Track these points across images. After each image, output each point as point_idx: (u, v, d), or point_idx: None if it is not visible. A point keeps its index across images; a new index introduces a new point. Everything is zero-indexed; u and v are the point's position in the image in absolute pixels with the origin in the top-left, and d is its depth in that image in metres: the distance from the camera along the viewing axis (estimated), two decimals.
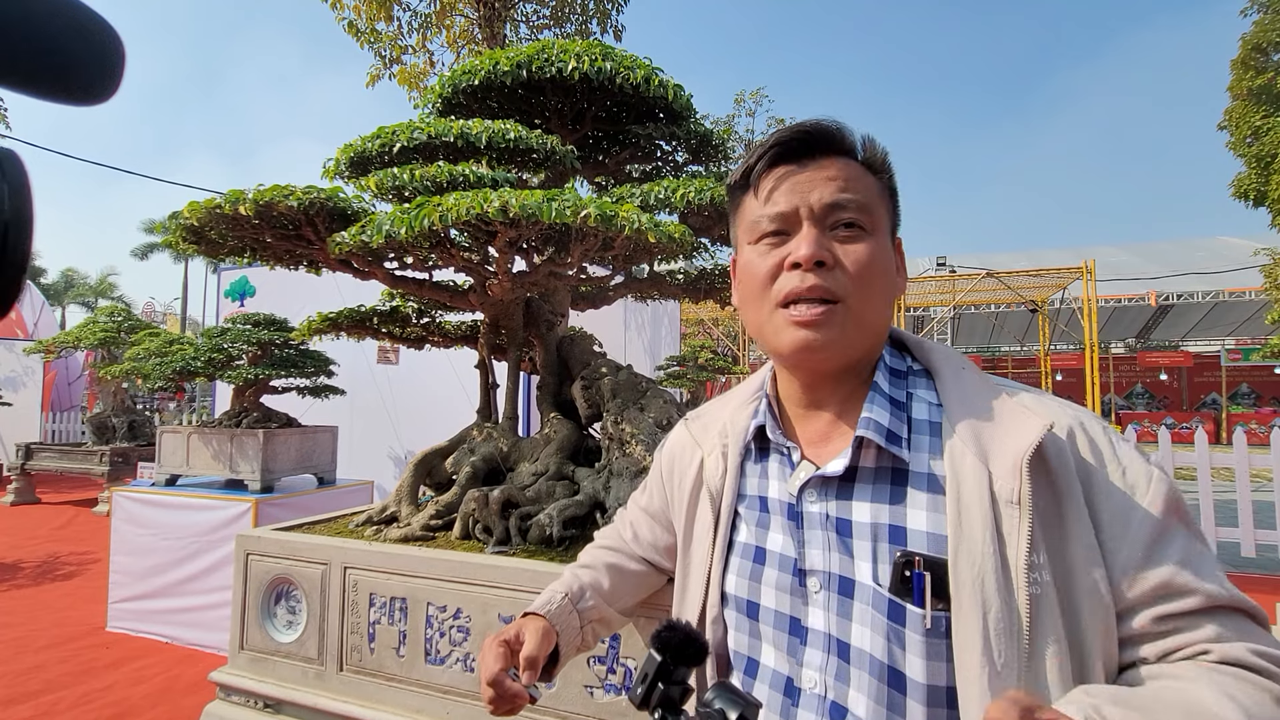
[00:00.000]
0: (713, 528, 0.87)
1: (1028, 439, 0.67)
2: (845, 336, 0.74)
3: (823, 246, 0.73)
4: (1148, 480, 0.67)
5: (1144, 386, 20.83)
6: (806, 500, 0.78)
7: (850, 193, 0.74)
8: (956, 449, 0.70)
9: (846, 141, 0.78)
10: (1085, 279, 10.78)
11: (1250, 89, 10.55)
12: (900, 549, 0.70)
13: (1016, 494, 0.66)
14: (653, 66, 2.28)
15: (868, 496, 0.74)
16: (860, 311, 0.74)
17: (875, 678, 0.69)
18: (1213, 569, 0.66)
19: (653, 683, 0.73)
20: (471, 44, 8.40)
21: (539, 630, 0.89)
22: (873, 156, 0.79)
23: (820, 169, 0.76)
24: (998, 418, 0.71)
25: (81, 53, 0.36)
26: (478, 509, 1.89)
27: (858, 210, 0.74)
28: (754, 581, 0.81)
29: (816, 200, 0.74)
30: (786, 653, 0.77)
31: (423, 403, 5.48)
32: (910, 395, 0.78)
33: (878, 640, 0.69)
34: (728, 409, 0.94)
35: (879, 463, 0.75)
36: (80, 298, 26.71)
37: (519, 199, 1.58)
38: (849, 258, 0.73)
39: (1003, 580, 0.64)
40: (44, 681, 3.23)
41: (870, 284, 0.74)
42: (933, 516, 0.70)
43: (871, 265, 0.74)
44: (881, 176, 0.79)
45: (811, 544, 0.76)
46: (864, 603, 0.71)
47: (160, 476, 4.06)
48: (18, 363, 10.77)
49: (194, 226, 1.97)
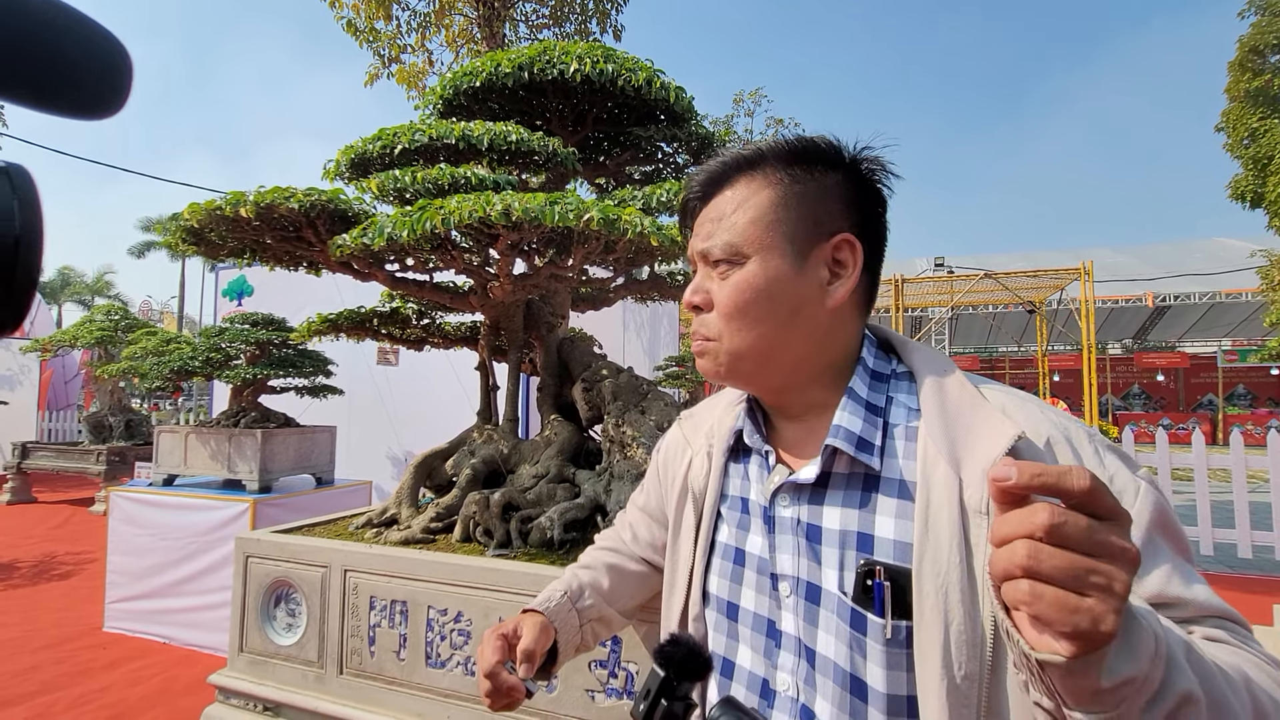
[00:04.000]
0: (695, 526, 0.88)
1: (999, 446, 0.65)
2: (728, 369, 0.77)
3: (696, 291, 0.79)
4: (1134, 492, 0.65)
5: (1141, 387, 20.89)
6: (779, 504, 0.77)
7: (716, 235, 0.76)
8: (929, 456, 0.69)
9: (739, 163, 0.77)
10: (1083, 280, 10.80)
11: (1247, 91, 10.58)
12: (866, 557, 0.69)
13: (985, 503, 0.64)
14: (654, 69, 2.28)
15: (839, 502, 0.73)
16: (731, 347, 0.76)
17: (839, 685, 0.68)
18: (1198, 578, 0.64)
19: (655, 699, 0.72)
20: (470, 43, 8.39)
21: (537, 625, 0.89)
22: (782, 158, 0.76)
23: (707, 211, 0.79)
24: (974, 424, 0.69)
25: (88, 67, 0.36)
26: (478, 512, 1.88)
27: (721, 249, 0.76)
28: (734, 583, 0.81)
29: (694, 248, 0.80)
30: (763, 655, 0.77)
31: (422, 404, 5.47)
32: (890, 399, 0.76)
33: (841, 648, 0.69)
34: (717, 409, 0.94)
35: (851, 469, 0.74)
36: (77, 296, 26.59)
37: (522, 202, 1.58)
38: (717, 297, 0.76)
39: (968, 591, 0.63)
40: (40, 682, 3.22)
41: (736, 319, 0.75)
42: (901, 524, 0.69)
43: (735, 300, 0.75)
44: (802, 177, 0.75)
45: (782, 549, 0.76)
46: (829, 610, 0.71)
47: (158, 476, 4.04)
48: (14, 361, 10.74)
49: (194, 228, 1.96)
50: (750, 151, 0.78)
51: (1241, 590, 4.63)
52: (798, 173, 0.75)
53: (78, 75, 0.35)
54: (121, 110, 0.38)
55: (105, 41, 0.36)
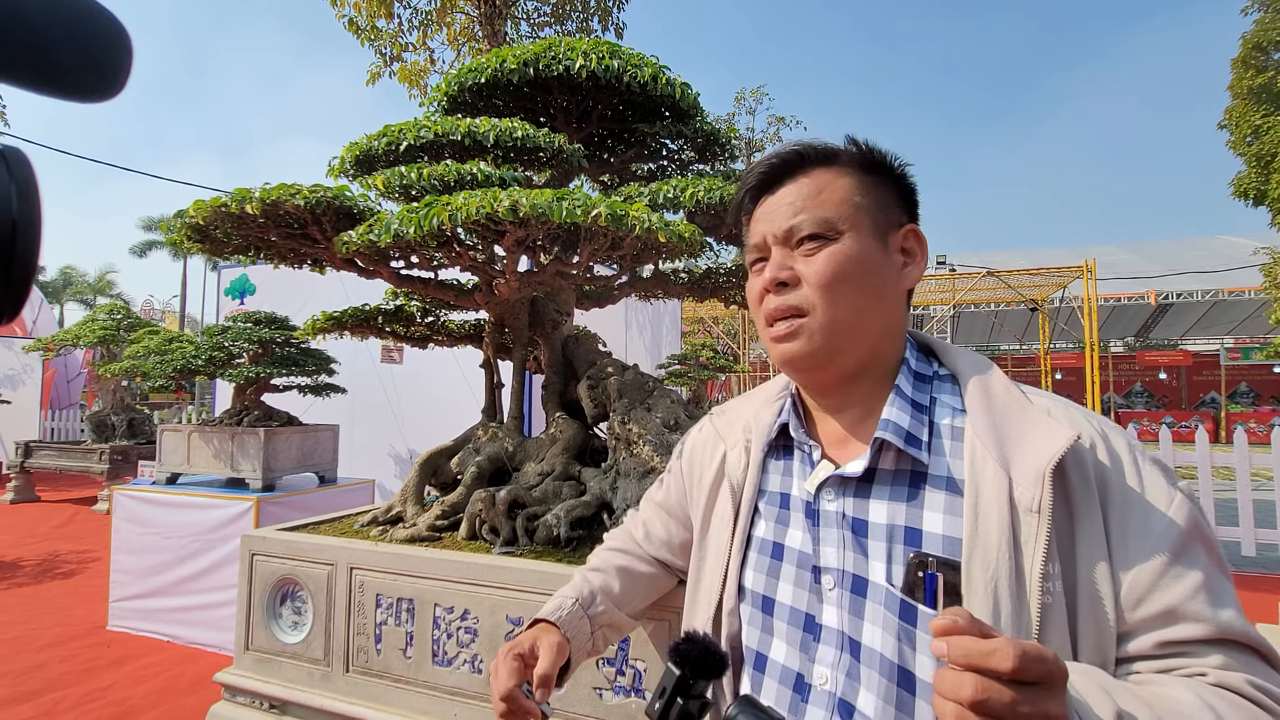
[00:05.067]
0: (732, 520, 0.88)
1: (1053, 448, 0.67)
2: (819, 345, 0.77)
3: (782, 268, 0.78)
4: (1169, 500, 0.66)
5: (1143, 385, 20.86)
6: (824, 498, 0.78)
7: (807, 210, 0.78)
8: (978, 454, 0.70)
9: (812, 156, 0.81)
10: (1085, 277, 10.78)
11: (1250, 88, 10.55)
12: (915, 550, 0.70)
13: (1037, 502, 0.66)
14: (660, 65, 2.27)
15: (885, 496, 0.74)
16: (829, 318, 0.76)
17: (885, 677, 0.69)
18: (1230, 600, 0.64)
19: (671, 697, 0.72)
20: (472, 41, 8.38)
21: (553, 646, 0.89)
22: (852, 156, 0.81)
23: (785, 193, 0.81)
24: (1022, 425, 0.71)
25: (86, 48, 0.35)
26: (484, 509, 1.88)
27: (814, 224, 0.77)
28: (771, 577, 0.82)
29: (777, 227, 0.80)
30: (800, 649, 0.77)
31: (426, 402, 5.46)
32: (934, 400, 0.78)
33: (889, 640, 0.69)
34: (752, 405, 0.95)
35: (898, 465, 0.75)
36: (79, 295, 26.62)
37: (529, 198, 1.57)
38: (810, 269, 0.77)
39: (1016, 587, 0.65)
40: (45, 680, 3.22)
41: (835, 289, 0.76)
42: (949, 519, 0.70)
43: (834, 270, 0.76)
44: (870, 172, 0.81)
45: (826, 542, 0.77)
46: (876, 602, 0.71)
47: (161, 475, 4.05)
48: (16, 360, 10.74)
49: (199, 225, 1.95)
50: (822, 146, 0.82)
51: (1245, 588, 4.62)
52: (868, 170, 0.81)
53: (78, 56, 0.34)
54: (121, 91, 0.37)
55: (103, 21, 0.36)
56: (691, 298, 2.85)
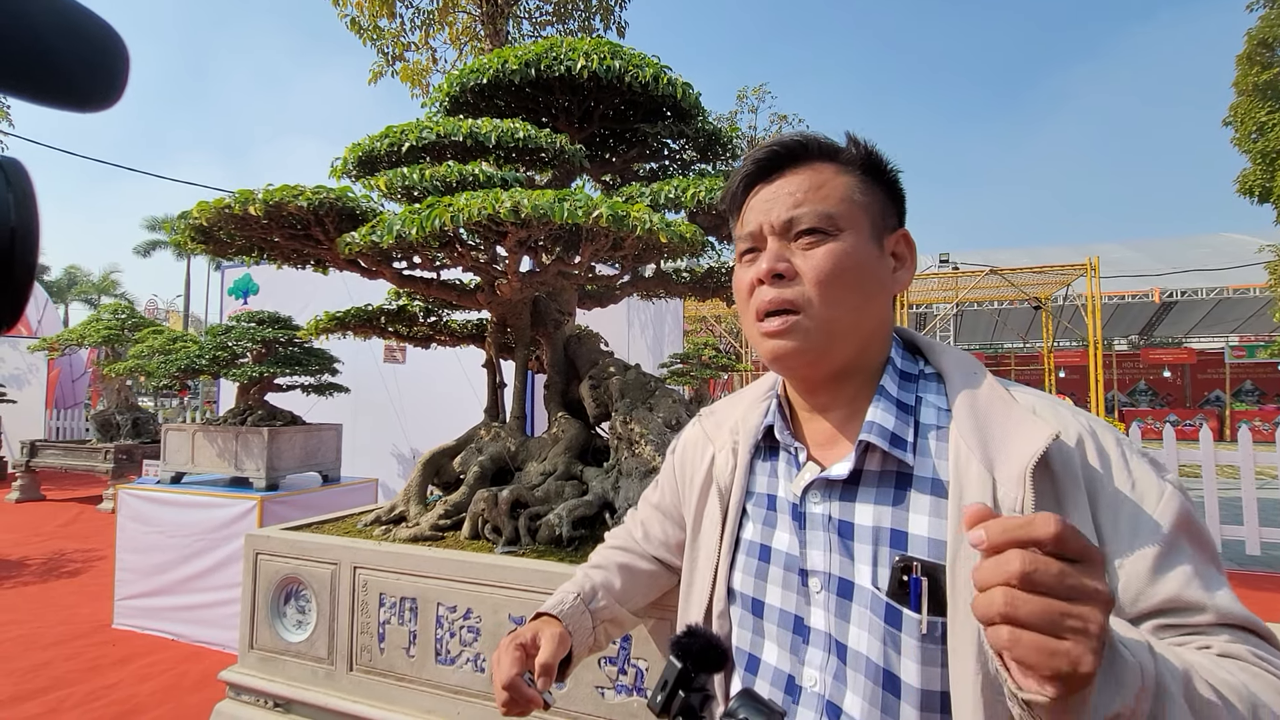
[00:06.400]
0: (720, 523, 0.88)
1: (1034, 446, 0.66)
2: (812, 343, 0.75)
3: (780, 259, 0.76)
4: (1159, 495, 0.66)
5: (1147, 383, 20.79)
6: (810, 501, 0.78)
7: (808, 203, 0.76)
8: (962, 455, 0.70)
9: (815, 149, 0.79)
10: (1089, 275, 10.75)
11: (1256, 84, 10.49)
12: (900, 553, 0.69)
13: (1020, 503, 0.65)
14: (661, 65, 2.27)
15: (871, 499, 0.74)
16: (825, 317, 0.74)
17: (871, 680, 0.69)
18: (1224, 588, 0.64)
19: (673, 690, 0.73)
20: (474, 41, 8.39)
21: (555, 637, 0.90)
22: (853, 155, 0.79)
23: (785, 183, 0.78)
24: (1006, 424, 0.70)
25: (82, 58, 0.35)
26: (487, 509, 1.88)
27: (816, 218, 0.75)
28: (759, 579, 0.82)
29: (775, 217, 0.77)
30: (790, 651, 0.77)
31: (429, 402, 5.48)
32: (920, 399, 0.78)
33: (874, 643, 0.69)
34: (740, 406, 0.94)
35: (884, 466, 0.75)
36: (83, 295, 26.74)
37: (531, 199, 1.58)
38: (808, 264, 0.75)
39: None
40: (51, 678, 3.24)
41: (833, 287, 0.74)
42: (934, 522, 0.70)
43: (833, 268, 0.74)
44: (867, 173, 0.79)
45: (813, 545, 0.77)
46: (862, 605, 0.71)
47: (165, 474, 4.06)
48: (21, 360, 10.81)
49: (203, 226, 1.96)
50: (825, 140, 0.80)
51: (1249, 587, 4.61)
52: (866, 171, 0.80)
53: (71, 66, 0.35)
54: (119, 101, 0.38)
55: (99, 30, 0.36)
56: (694, 297, 2.85)
